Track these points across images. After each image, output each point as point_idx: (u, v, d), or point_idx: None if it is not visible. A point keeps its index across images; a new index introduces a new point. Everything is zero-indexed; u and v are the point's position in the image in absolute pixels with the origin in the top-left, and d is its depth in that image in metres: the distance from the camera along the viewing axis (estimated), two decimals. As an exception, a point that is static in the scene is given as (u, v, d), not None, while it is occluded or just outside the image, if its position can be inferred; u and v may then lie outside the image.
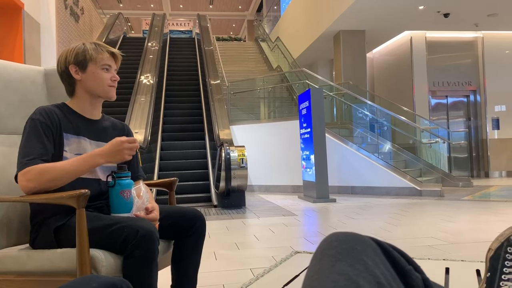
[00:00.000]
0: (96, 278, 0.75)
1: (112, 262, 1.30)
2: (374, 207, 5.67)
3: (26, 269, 1.35)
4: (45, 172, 1.34)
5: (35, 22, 8.00)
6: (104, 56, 1.57)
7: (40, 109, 1.49)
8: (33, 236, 1.45)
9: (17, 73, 1.72)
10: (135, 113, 7.80)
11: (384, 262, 0.59)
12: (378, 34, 10.60)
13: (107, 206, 1.50)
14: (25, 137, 1.43)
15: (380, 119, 8.53)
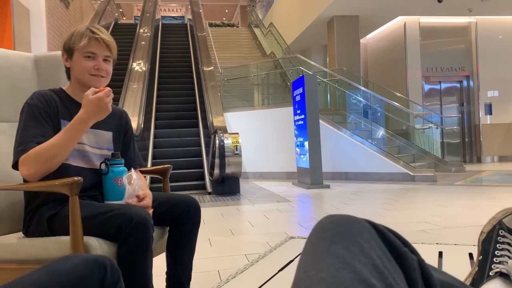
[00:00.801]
0: (79, 255, 0.76)
1: (107, 250, 1.29)
2: (368, 192, 5.70)
3: (19, 257, 1.34)
4: (40, 154, 1.31)
5: (24, 9, 7.86)
6: (87, 43, 1.46)
7: (37, 93, 1.46)
8: (26, 224, 1.44)
9: (5, 59, 1.69)
10: (128, 100, 7.74)
11: (380, 244, 0.59)
12: (371, 20, 10.54)
13: (101, 195, 1.48)
14: (22, 124, 1.40)
15: (374, 105, 8.54)
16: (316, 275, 0.51)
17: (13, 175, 1.58)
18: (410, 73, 10.74)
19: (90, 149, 1.51)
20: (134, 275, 1.28)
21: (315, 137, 6.48)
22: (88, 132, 1.51)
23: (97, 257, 0.76)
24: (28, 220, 1.43)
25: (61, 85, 1.79)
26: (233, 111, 8.82)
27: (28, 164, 1.31)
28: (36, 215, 1.41)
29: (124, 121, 1.69)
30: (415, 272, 0.59)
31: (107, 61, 1.52)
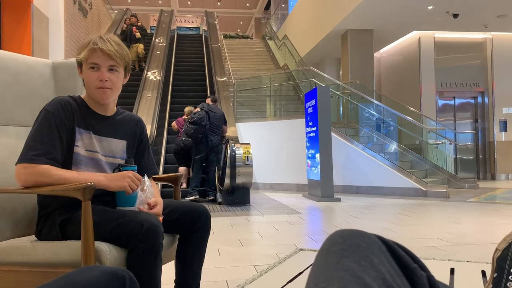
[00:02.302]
0: (97, 267, 0.76)
1: (117, 255, 1.30)
2: (379, 207, 5.65)
3: (31, 260, 1.36)
4: (47, 176, 1.33)
5: (44, 17, 8.04)
6: (89, 54, 1.43)
7: (56, 100, 1.47)
8: (39, 227, 1.46)
9: (25, 65, 1.73)
10: (142, 108, 7.84)
11: (389, 259, 0.59)
12: (386, 34, 10.55)
13: (113, 201, 1.50)
14: (35, 128, 1.41)
15: (387, 119, 8.49)
16: (326, 287, 0.51)
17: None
18: (424, 88, 10.68)
19: (103, 157, 1.53)
20: (143, 281, 1.28)
21: (327, 150, 6.46)
22: (102, 141, 1.53)
23: (116, 269, 0.77)
24: (41, 224, 1.45)
25: (78, 91, 1.83)
26: (245, 122, 8.85)
27: (29, 174, 1.33)
28: (49, 219, 1.43)
29: (139, 129, 1.70)
30: (424, 288, 0.59)
31: (113, 71, 1.47)
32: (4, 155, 1.57)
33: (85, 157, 1.48)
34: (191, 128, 6.01)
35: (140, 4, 22.26)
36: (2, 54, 1.67)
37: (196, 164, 6.25)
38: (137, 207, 1.45)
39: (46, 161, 1.35)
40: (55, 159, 1.39)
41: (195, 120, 6.00)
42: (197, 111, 6.14)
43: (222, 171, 6.33)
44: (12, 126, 1.65)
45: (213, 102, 6.52)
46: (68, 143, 1.45)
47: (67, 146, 1.44)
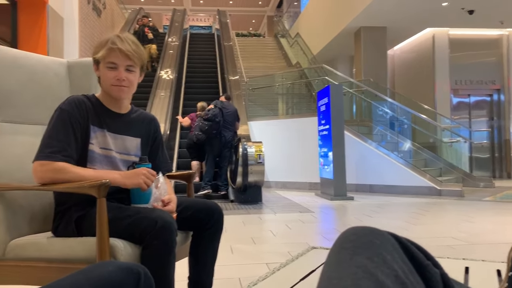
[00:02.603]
0: (113, 262, 0.77)
1: (131, 252, 1.32)
2: (393, 205, 5.61)
3: (48, 256, 1.38)
4: (62, 172, 1.35)
5: (59, 17, 8.14)
6: (107, 54, 1.46)
7: (70, 99, 1.49)
8: (55, 224, 1.48)
9: (41, 64, 1.76)
10: (155, 107, 7.89)
11: (402, 256, 0.59)
12: (399, 31, 10.44)
13: (128, 198, 1.52)
14: (51, 126, 1.44)
15: (401, 117, 8.42)
16: (339, 283, 0.51)
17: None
18: (438, 85, 10.55)
19: (118, 155, 1.55)
20: (157, 277, 1.29)
21: (340, 148, 6.43)
22: (116, 138, 1.55)
23: (131, 265, 0.78)
24: (57, 220, 1.48)
25: (92, 90, 1.85)
26: (257, 120, 8.85)
27: (46, 171, 1.36)
28: (65, 216, 1.46)
29: (153, 127, 1.72)
30: (437, 285, 0.58)
31: (130, 71, 1.50)
32: (21, 152, 1.60)
33: (100, 155, 1.50)
34: (206, 124, 6.15)
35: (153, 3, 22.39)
36: (19, 53, 1.70)
37: (209, 159, 6.38)
38: (151, 204, 1.47)
39: (61, 158, 1.38)
40: (71, 156, 1.41)
41: (209, 117, 6.14)
42: (211, 108, 6.26)
43: (234, 169, 6.36)
44: (29, 124, 1.68)
45: (226, 99, 6.65)
46: (83, 141, 1.47)
47: (82, 144, 1.47)
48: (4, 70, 1.59)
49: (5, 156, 1.53)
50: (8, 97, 1.60)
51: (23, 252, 1.42)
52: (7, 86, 1.60)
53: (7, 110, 1.59)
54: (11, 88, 1.61)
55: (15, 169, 1.55)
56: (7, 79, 1.60)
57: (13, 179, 1.53)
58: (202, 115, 6.34)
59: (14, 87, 1.62)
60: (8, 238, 1.46)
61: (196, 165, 6.72)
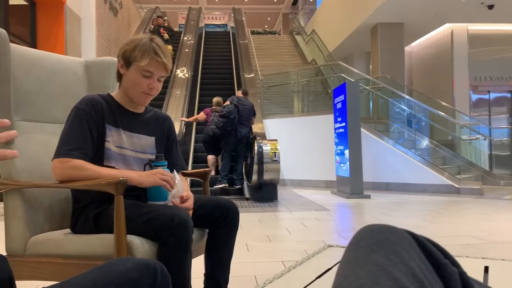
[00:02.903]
0: (130, 259, 0.78)
1: (148, 249, 1.33)
2: (410, 204, 5.55)
3: (66, 253, 1.41)
4: (81, 169, 1.38)
5: (76, 17, 8.26)
6: (148, 62, 1.47)
7: (85, 98, 1.52)
8: (73, 221, 1.51)
9: (59, 64, 1.78)
10: (171, 106, 7.95)
11: (420, 255, 0.58)
12: (417, 27, 10.30)
13: (144, 195, 1.53)
14: (68, 125, 1.47)
15: (418, 114, 8.31)
16: (355, 281, 0.51)
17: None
18: (457, 82, 10.38)
19: (133, 153, 1.57)
20: (174, 274, 1.30)
21: (356, 146, 6.38)
22: (132, 137, 1.57)
23: (148, 261, 0.79)
24: (75, 217, 1.50)
25: (109, 89, 1.87)
26: (272, 118, 8.84)
27: (65, 168, 1.38)
28: (83, 213, 1.48)
29: (167, 126, 1.74)
30: (456, 285, 0.57)
31: (160, 81, 1.55)
32: (40, 151, 1.63)
33: (115, 153, 1.52)
34: (221, 121, 6.23)
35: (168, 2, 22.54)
36: (38, 53, 1.72)
37: (225, 154, 6.46)
38: (169, 201, 1.48)
39: (78, 156, 1.40)
40: (87, 154, 1.44)
41: (224, 113, 6.22)
42: (227, 105, 6.33)
43: (249, 166, 6.37)
44: (47, 123, 1.71)
45: (243, 94, 6.70)
46: (99, 140, 1.49)
47: (98, 142, 1.49)
48: (23, 69, 1.62)
49: (24, 154, 1.56)
50: (27, 96, 1.63)
51: (42, 249, 1.45)
52: (27, 86, 1.63)
53: (27, 109, 1.62)
54: (30, 88, 1.64)
55: (34, 167, 1.58)
56: (26, 79, 1.63)
57: (32, 176, 1.56)
58: (218, 111, 6.40)
59: (33, 86, 1.65)
60: (28, 235, 1.49)
61: (212, 159, 6.82)
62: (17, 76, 1.58)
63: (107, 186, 1.30)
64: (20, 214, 1.49)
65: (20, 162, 1.53)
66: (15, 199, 1.50)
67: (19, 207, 1.50)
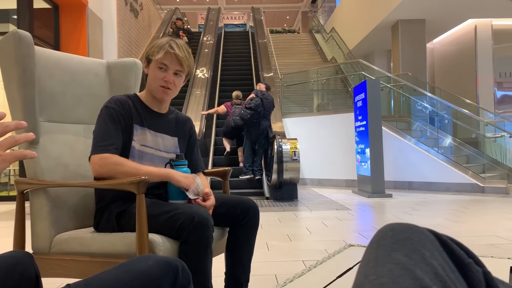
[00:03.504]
0: (152, 256, 0.80)
1: (169, 247, 1.35)
2: (433, 203, 5.46)
3: (90, 251, 1.43)
4: (121, 165, 1.42)
5: (98, 19, 8.40)
6: (163, 56, 1.53)
7: (114, 98, 1.56)
8: (97, 220, 1.54)
9: (82, 66, 1.82)
10: (191, 106, 8.01)
11: (442, 254, 0.57)
12: (439, 23, 10.12)
13: (165, 194, 1.55)
14: (100, 122, 1.51)
15: (441, 112, 8.17)
16: (376, 280, 0.50)
17: (86, 174, 1.70)
18: (480, 79, 10.16)
19: (157, 152, 1.60)
20: (194, 272, 1.32)
21: (377, 144, 6.31)
22: (156, 136, 1.61)
23: (169, 259, 0.80)
24: (99, 216, 1.53)
25: (131, 90, 1.90)
26: (292, 117, 8.82)
27: (105, 164, 1.42)
28: (106, 212, 1.51)
29: (188, 127, 1.77)
30: (480, 285, 0.56)
31: (177, 75, 1.57)
32: (64, 150, 1.66)
33: (140, 151, 1.55)
34: (248, 113, 6.40)
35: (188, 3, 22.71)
36: (61, 55, 1.76)
37: (247, 146, 6.67)
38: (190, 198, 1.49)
39: (114, 151, 1.45)
40: (119, 150, 1.48)
41: (252, 106, 6.38)
42: (253, 98, 6.49)
43: (269, 166, 6.37)
44: (70, 123, 1.74)
45: (266, 89, 6.83)
46: (127, 137, 1.53)
47: (125, 140, 1.53)
48: (47, 71, 1.66)
49: (48, 154, 1.60)
50: (51, 97, 1.66)
51: (67, 247, 1.48)
52: (50, 87, 1.66)
53: (50, 110, 1.66)
54: (54, 89, 1.68)
55: (58, 167, 1.62)
56: (50, 80, 1.66)
57: (56, 176, 1.60)
58: (238, 103, 6.63)
59: (56, 88, 1.69)
60: (53, 233, 1.52)
61: (227, 142, 7.26)
62: (42, 78, 1.62)
63: (129, 185, 1.32)
64: (45, 213, 1.53)
65: (45, 161, 1.57)
66: (40, 198, 1.54)
67: (44, 206, 1.53)
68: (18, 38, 1.50)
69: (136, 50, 10.83)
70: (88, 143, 1.76)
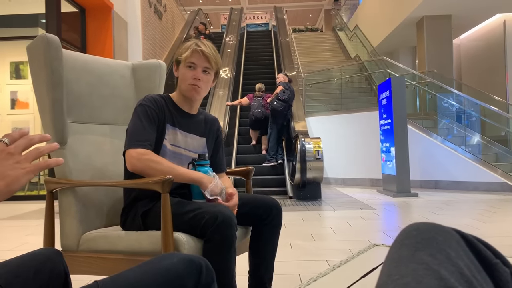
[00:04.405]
0: (176, 254, 0.81)
1: (193, 245, 1.36)
2: (460, 202, 5.34)
3: (117, 249, 1.46)
4: (158, 163, 1.44)
5: (123, 21, 8.55)
6: (190, 55, 1.56)
7: (149, 96, 1.60)
8: (123, 218, 1.57)
9: (108, 68, 1.85)
10: (214, 106, 8.06)
11: (468, 254, 0.56)
12: (466, 19, 9.88)
13: (189, 193, 1.57)
14: (135, 119, 1.53)
15: (468, 109, 7.98)
16: (399, 279, 0.50)
17: (113, 173, 1.73)
18: (510, 75, 9.86)
19: (186, 152, 1.63)
20: (218, 271, 1.33)
21: (403, 143, 6.21)
22: (186, 137, 1.64)
23: (193, 257, 0.81)
24: (125, 215, 1.56)
25: (155, 90, 1.93)
26: (315, 116, 8.77)
27: (141, 159, 1.44)
28: (132, 210, 1.54)
29: (215, 127, 1.80)
30: (507, 285, 0.55)
31: (206, 72, 1.59)
32: (91, 150, 1.70)
33: (170, 150, 1.58)
34: (281, 105, 6.88)
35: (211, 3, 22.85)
36: (88, 58, 1.80)
37: (273, 134, 7.05)
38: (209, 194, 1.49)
39: (149, 148, 1.48)
40: (153, 147, 1.51)
41: (285, 98, 6.88)
42: (285, 90, 6.94)
43: (292, 166, 6.36)
44: (97, 124, 1.78)
45: (289, 81, 7.27)
46: (159, 136, 1.56)
47: (158, 138, 1.56)
48: (75, 74, 1.70)
49: (76, 155, 1.64)
50: (78, 99, 1.71)
51: (94, 245, 1.52)
52: (78, 89, 1.71)
53: (78, 111, 1.70)
54: (81, 91, 1.72)
55: (85, 166, 1.66)
56: (78, 82, 1.71)
57: (84, 175, 1.64)
58: (278, 95, 6.98)
59: (84, 89, 1.73)
60: (81, 231, 1.56)
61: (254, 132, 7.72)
62: (69, 80, 1.67)
63: (154, 185, 1.34)
64: (74, 211, 1.57)
65: (73, 161, 1.61)
66: (69, 197, 1.58)
67: (73, 205, 1.57)
68: (47, 41, 1.54)
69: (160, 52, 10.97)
70: (114, 143, 1.80)
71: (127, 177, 1.57)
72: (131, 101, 1.90)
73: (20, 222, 4.54)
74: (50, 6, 6.63)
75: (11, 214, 5.18)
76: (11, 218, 4.84)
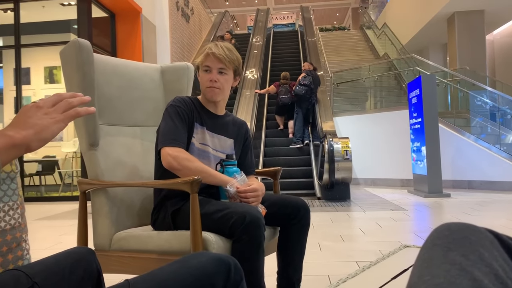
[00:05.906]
0: (206, 253, 0.82)
1: (222, 245, 1.37)
2: (495, 203, 5.17)
3: (147, 248, 1.49)
4: (192, 162, 1.49)
5: (151, 25, 8.70)
6: (204, 59, 1.62)
7: (178, 97, 1.65)
8: (153, 218, 1.60)
9: (137, 71, 1.89)
10: (241, 107, 8.10)
11: (503, 255, 0.54)
12: (499, 14, 9.57)
13: (217, 193, 1.59)
14: (167, 119, 1.58)
15: (503, 106, 7.72)
16: (431, 280, 0.49)
17: (144, 174, 1.77)
18: (547, 70, 9.49)
19: (213, 151, 1.65)
20: (247, 271, 1.33)
21: (434, 142, 6.07)
22: (213, 137, 1.67)
23: (222, 256, 0.82)
24: (155, 214, 1.59)
25: (183, 92, 1.96)
26: (343, 115, 8.68)
27: (177, 158, 1.48)
28: (162, 210, 1.57)
29: (244, 130, 1.82)
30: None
31: (222, 73, 1.62)
32: (122, 152, 1.74)
33: (198, 149, 1.62)
34: (302, 89, 7.44)
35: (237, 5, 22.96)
36: (118, 61, 1.85)
37: (298, 118, 7.59)
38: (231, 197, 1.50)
39: (183, 146, 1.53)
40: (185, 146, 1.56)
41: (306, 83, 7.46)
42: (306, 76, 7.55)
43: (320, 166, 6.31)
44: (128, 126, 1.82)
45: (314, 69, 8.02)
46: (188, 134, 1.60)
47: (187, 136, 1.60)
48: (106, 77, 1.75)
49: (107, 156, 1.68)
50: (109, 101, 1.75)
51: (126, 244, 1.55)
52: (109, 92, 1.75)
53: (109, 114, 1.74)
54: (112, 94, 1.76)
55: (116, 167, 1.70)
56: (108, 86, 1.75)
57: (115, 176, 1.67)
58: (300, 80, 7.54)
59: (114, 92, 1.77)
60: (113, 231, 1.60)
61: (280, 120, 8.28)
62: (100, 83, 1.71)
63: (183, 185, 1.36)
64: (106, 211, 1.61)
65: (104, 163, 1.65)
66: (101, 198, 1.62)
67: (105, 205, 1.61)
68: (79, 46, 1.59)
69: (188, 54, 11.11)
70: (144, 144, 1.84)
71: (158, 177, 1.61)
72: (161, 103, 1.93)
73: (55, 223, 4.68)
74: (81, 12, 6.82)
75: (46, 214, 5.35)
76: (46, 219, 5.00)
